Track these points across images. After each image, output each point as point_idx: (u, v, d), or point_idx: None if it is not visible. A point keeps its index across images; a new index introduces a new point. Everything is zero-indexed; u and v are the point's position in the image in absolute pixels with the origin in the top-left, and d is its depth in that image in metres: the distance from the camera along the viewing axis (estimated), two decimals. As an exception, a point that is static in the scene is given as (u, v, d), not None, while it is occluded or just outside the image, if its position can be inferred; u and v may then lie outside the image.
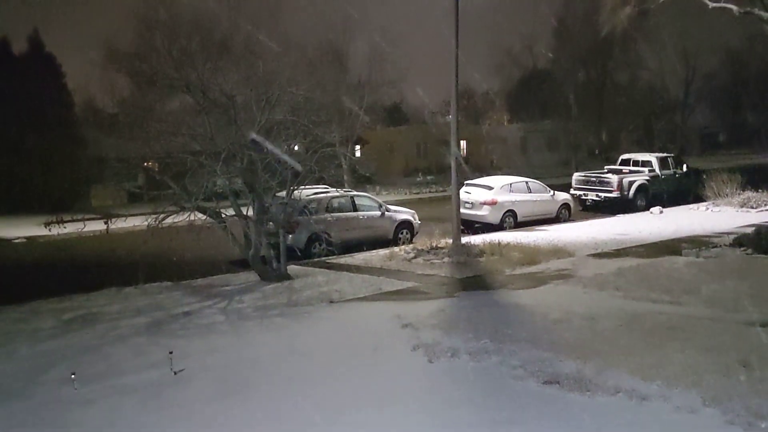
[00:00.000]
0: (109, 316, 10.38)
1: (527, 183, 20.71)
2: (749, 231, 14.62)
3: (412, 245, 15.50)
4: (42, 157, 28.61)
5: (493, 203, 19.31)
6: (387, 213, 17.28)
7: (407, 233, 17.41)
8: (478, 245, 14.76)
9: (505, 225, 19.25)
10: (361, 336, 8.60)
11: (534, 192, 20.47)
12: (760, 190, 21.89)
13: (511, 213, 19.54)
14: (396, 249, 15.12)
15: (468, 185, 20.00)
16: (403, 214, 17.83)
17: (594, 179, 23.68)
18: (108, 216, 13.21)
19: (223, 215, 12.52)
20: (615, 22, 26.46)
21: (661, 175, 24.02)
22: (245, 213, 12.67)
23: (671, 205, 22.23)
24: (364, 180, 33.18)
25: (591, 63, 45.29)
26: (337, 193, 16.81)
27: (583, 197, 23.48)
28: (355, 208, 16.84)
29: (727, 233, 15.68)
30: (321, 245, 15.02)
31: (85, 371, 7.46)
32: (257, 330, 9.21)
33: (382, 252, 15.19)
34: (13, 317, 10.65)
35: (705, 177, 23.44)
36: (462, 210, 16.41)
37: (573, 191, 23.35)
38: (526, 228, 18.74)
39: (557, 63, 45.88)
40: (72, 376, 7.08)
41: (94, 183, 25.72)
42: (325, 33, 35.99)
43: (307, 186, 14.40)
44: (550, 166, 41.33)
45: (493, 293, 10.89)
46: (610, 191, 22.84)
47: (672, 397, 6.05)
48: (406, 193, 33.78)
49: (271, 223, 12.89)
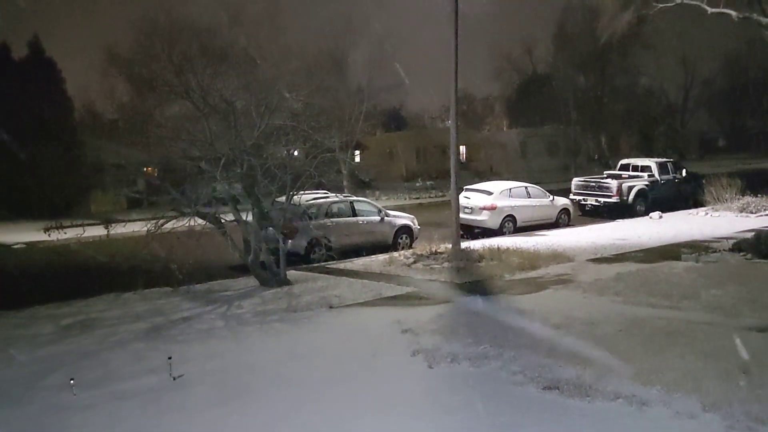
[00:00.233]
0: (109, 321, 10.37)
1: (526, 188, 20.71)
2: (749, 236, 14.63)
3: (411, 250, 15.50)
4: (42, 163, 28.60)
5: (493, 208, 19.31)
6: (386, 218, 17.28)
7: (407, 238, 17.40)
8: (477, 250, 14.76)
9: (505, 230, 19.24)
10: (361, 341, 8.60)
11: (533, 197, 20.46)
12: (759, 195, 21.89)
13: (511, 218, 19.53)
14: (395, 254, 15.11)
15: (467, 190, 20.01)
16: (403, 219, 17.83)
17: (593, 184, 23.67)
18: (108, 221, 13.19)
19: (223, 221, 12.52)
20: (614, 27, 26.57)
21: (661, 180, 24.02)
22: (245, 218, 12.67)
23: (671, 210, 22.20)
24: (363, 185, 33.22)
25: (590, 68, 45.38)
26: (337, 199, 16.81)
27: (583, 202, 23.48)
28: (355, 213, 16.84)
29: (727, 238, 15.68)
30: (320, 250, 15.01)
31: (84, 377, 7.44)
32: (257, 335, 9.20)
33: (381, 257, 15.17)
34: (13, 323, 10.64)
35: (704, 182, 23.46)
36: (461, 215, 16.41)
37: (572, 196, 23.34)
38: (525, 233, 18.73)
39: (557, 68, 46.01)
40: (71, 381, 7.06)
41: (93, 188, 25.73)
42: (325, 39, 36.15)
43: (307, 191, 14.41)
44: (549, 171, 41.39)
45: (493, 298, 10.88)
46: (609, 196, 22.84)
47: (672, 403, 6.04)
48: (405, 198, 33.79)
49: (271, 229, 12.88)
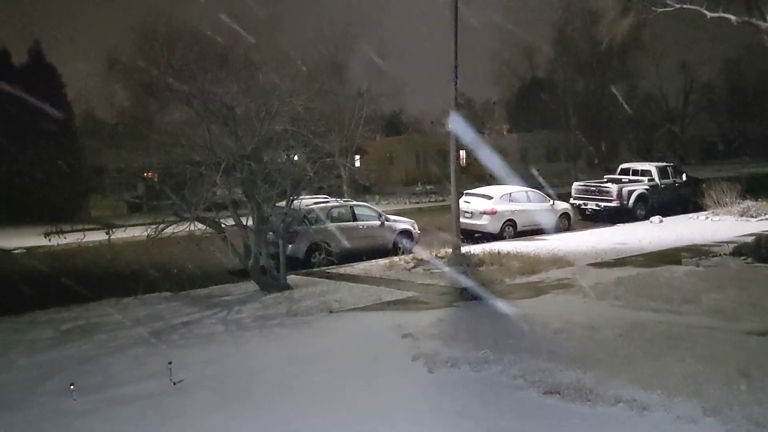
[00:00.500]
0: (108, 326, 10.36)
1: (527, 192, 20.72)
2: (749, 240, 14.62)
3: (411, 255, 15.48)
4: (42, 168, 28.60)
5: (493, 213, 19.31)
6: (387, 223, 17.29)
7: (407, 243, 17.38)
8: (477, 255, 14.76)
9: (505, 234, 19.23)
10: (361, 346, 8.58)
11: (534, 201, 20.47)
12: (759, 199, 21.89)
13: (511, 222, 19.53)
14: (396, 259, 15.11)
15: (468, 195, 20.02)
16: (403, 223, 17.83)
17: (594, 188, 23.69)
18: (108, 226, 13.19)
19: (223, 225, 12.53)
20: (614, 32, 26.60)
21: (661, 185, 24.04)
22: (245, 223, 12.67)
23: (671, 215, 22.21)
24: (363, 190, 33.21)
25: (590, 73, 45.46)
26: (337, 203, 16.82)
27: (583, 206, 23.48)
28: (355, 217, 16.85)
29: (727, 242, 15.67)
30: (321, 255, 15.03)
31: (84, 382, 7.43)
32: (257, 340, 9.19)
33: (381, 261, 15.17)
34: (12, 327, 10.64)
35: (704, 186, 23.47)
36: (462, 219, 16.39)
37: (573, 200, 23.36)
38: (525, 237, 18.73)
39: (556, 73, 46.08)
40: (71, 386, 7.05)
41: (93, 193, 25.71)
42: (325, 44, 36.23)
43: (307, 196, 14.41)
44: (549, 175, 41.37)
45: (493, 303, 10.86)
46: (609, 200, 22.85)
47: (672, 407, 6.03)
48: (405, 203, 33.80)
49: (271, 233, 12.89)
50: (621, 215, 22.36)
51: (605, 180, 24.94)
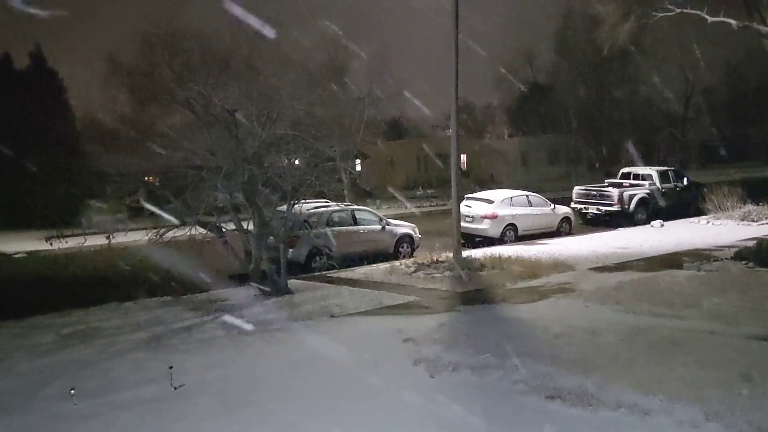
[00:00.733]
0: (109, 331, 10.34)
1: (528, 197, 20.71)
2: (750, 244, 14.62)
3: (412, 259, 15.49)
4: (43, 172, 28.63)
5: (494, 217, 19.30)
6: (387, 227, 17.28)
7: (408, 247, 17.40)
8: (478, 259, 14.75)
9: (506, 239, 19.22)
10: (362, 351, 8.57)
11: (535, 206, 20.47)
12: (761, 203, 21.88)
13: (512, 227, 19.53)
14: (396, 263, 15.10)
15: (468, 199, 20.02)
16: (404, 227, 17.83)
17: (594, 193, 23.68)
18: (109, 230, 13.21)
19: (224, 230, 12.52)
20: (614, 37, 26.65)
21: (662, 189, 24.03)
22: (246, 227, 12.67)
23: (672, 219, 22.20)
24: (364, 194, 33.21)
25: (591, 77, 45.50)
26: (338, 207, 16.82)
27: (584, 211, 23.47)
28: (356, 222, 16.85)
29: (729, 247, 15.66)
30: (321, 259, 15.01)
31: (85, 386, 7.42)
32: (258, 345, 9.17)
33: (382, 266, 15.16)
34: (13, 332, 10.61)
35: (706, 190, 23.45)
36: (462, 224, 16.40)
37: (573, 205, 23.35)
38: (526, 241, 18.72)
39: (557, 77, 46.15)
40: (71, 391, 7.04)
41: (94, 197, 25.70)
42: (326, 48, 36.30)
43: (308, 200, 14.42)
44: (550, 179, 41.40)
45: (495, 307, 10.86)
46: (610, 205, 22.84)
47: (674, 412, 6.01)
48: (406, 207, 33.75)
49: (272, 238, 12.89)
50: (622, 219, 22.35)
51: (606, 184, 24.93)
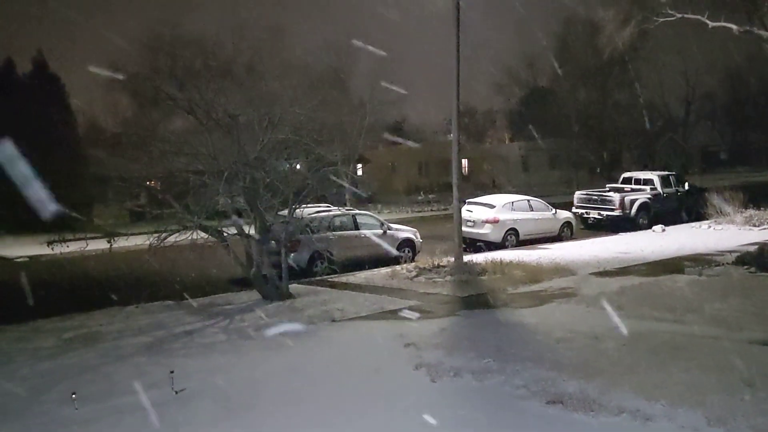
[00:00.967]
0: (110, 335, 10.35)
1: (529, 201, 20.71)
2: (752, 249, 14.60)
3: (414, 264, 15.47)
4: (45, 177, 28.65)
5: (495, 222, 19.30)
6: (389, 231, 17.27)
7: (409, 252, 17.38)
8: (480, 264, 14.74)
9: (507, 243, 19.21)
10: (364, 355, 8.57)
11: (536, 210, 20.46)
12: (762, 208, 21.86)
13: (513, 231, 19.51)
14: (398, 267, 15.09)
15: (470, 203, 20.01)
16: (405, 232, 17.83)
17: (596, 197, 23.67)
18: (110, 235, 13.21)
19: (225, 234, 12.53)
20: (615, 42, 26.68)
21: (663, 194, 24.01)
22: (247, 232, 12.68)
23: (673, 224, 22.18)
24: (365, 198, 33.20)
25: (592, 82, 45.52)
26: (339, 212, 16.82)
27: (585, 215, 23.45)
28: (357, 226, 16.85)
29: (730, 251, 15.64)
30: (323, 264, 14.99)
31: (86, 390, 7.43)
32: (259, 349, 9.17)
33: (384, 270, 15.16)
34: (15, 336, 10.63)
35: (707, 195, 23.44)
36: (464, 228, 16.40)
37: (575, 209, 23.33)
38: (528, 246, 18.71)
39: (558, 82, 46.15)
40: (73, 395, 7.04)
41: (96, 202, 25.74)
42: (328, 53, 36.31)
43: (309, 205, 14.43)
44: (551, 184, 41.39)
45: (496, 312, 10.85)
46: (612, 209, 22.81)
47: (676, 417, 6.00)
48: (407, 212, 33.79)
49: (273, 242, 12.89)
50: (623, 224, 22.31)
51: (608, 189, 24.92)
